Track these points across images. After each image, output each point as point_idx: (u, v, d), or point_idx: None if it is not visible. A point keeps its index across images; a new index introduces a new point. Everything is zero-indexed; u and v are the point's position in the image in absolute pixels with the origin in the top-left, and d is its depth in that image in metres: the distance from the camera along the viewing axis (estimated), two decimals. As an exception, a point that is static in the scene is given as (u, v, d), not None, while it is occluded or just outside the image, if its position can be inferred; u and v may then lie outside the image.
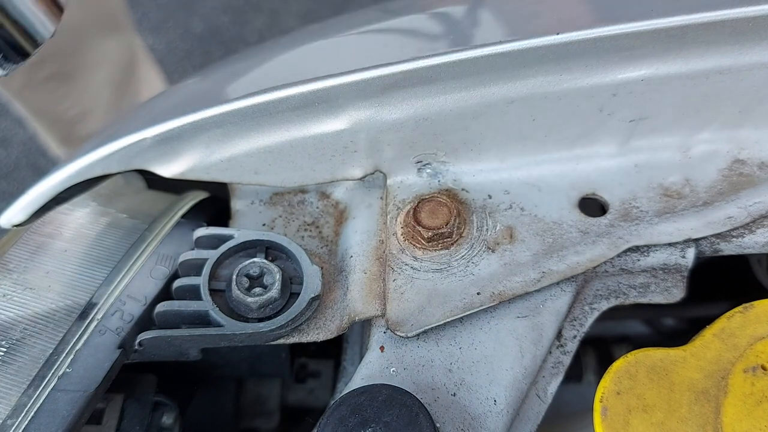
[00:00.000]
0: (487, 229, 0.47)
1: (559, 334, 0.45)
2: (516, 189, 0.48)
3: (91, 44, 1.17)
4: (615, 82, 0.45)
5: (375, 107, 0.45)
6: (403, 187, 0.49)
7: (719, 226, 0.45)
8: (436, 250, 0.45)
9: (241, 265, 0.45)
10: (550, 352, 0.45)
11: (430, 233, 0.45)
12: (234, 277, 0.45)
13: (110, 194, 0.49)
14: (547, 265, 0.44)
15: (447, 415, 0.41)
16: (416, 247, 0.46)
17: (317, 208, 0.51)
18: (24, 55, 0.42)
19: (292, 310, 0.44)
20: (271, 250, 0.48)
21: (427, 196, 0.47)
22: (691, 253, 0.45)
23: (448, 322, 0.43)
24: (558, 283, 0.45)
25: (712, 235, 0.45)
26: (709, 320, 0.41)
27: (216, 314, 0.44)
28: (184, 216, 0.51)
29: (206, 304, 0.44)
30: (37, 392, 0.41)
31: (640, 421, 0.37)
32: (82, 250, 0.47)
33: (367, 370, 0.43)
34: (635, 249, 0.45)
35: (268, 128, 0.46)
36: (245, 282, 0.45)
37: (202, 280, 0.45)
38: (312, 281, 0.45)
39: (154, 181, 0.53)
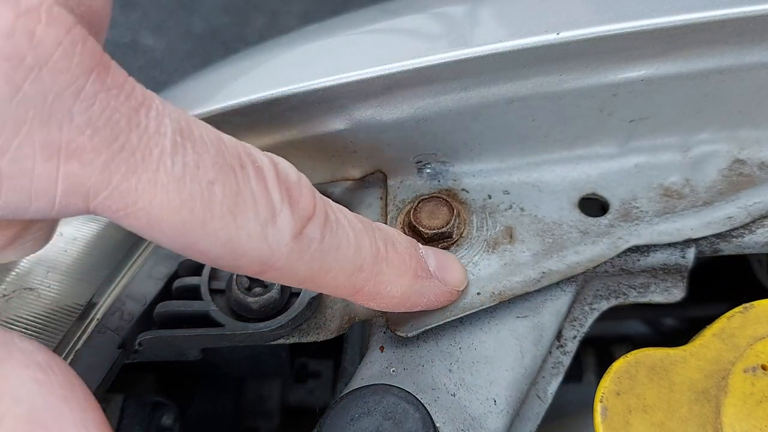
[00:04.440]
0: (487, 229, 0.47)
1: (559, 334, 0.46)
2: (516, 189, 0.48)
3: None
4: (615, 82, 0.44)
5: (375, 107, 0.45)
6: (403, 187, 0.49)
7: (719, 226, 0.45)
8: (436, 250, 0.45)
9: (241, 265, 0.45)
10: (550, 352, 0.45)
11: (430, 233, 0.45)
12: (234, 277, 0.45)
13: (110, 194, 0.49)
14: (547, 265, 0.44)
15: (447, 415, 0.41)
16: (416, 247, 0.46)
17: (317, 208, 0.51)
18: None
19: (292, 310, 0.44)
20: (271, 250, 0.48)
21: (427, 196, 0.47)
22: (691, 253, 0.45)
23: (448, 322, 0.43)
24: (558, 283, 0.45)
25: (712, 235, 0.45)
26: (709, 320, 0.41)
27: (216, 314, 0.44)
28: (184, 216, 0.51)
29: (206, 304, 0.44)
30: (37, 392, 0.41)
31: (640, 421, 0.37)
32: (82, 250, 0.47)
33: (367, 370, 0.43)
34: (635, 249, 0.45)
35: (268, 128, 0.46)
36: (245, 282, 0.45)
37: (202, 280, 0.45)
38: (312, 281, 0.45)
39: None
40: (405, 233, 0.46)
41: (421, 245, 0.40)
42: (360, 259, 0.35)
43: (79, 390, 0.27)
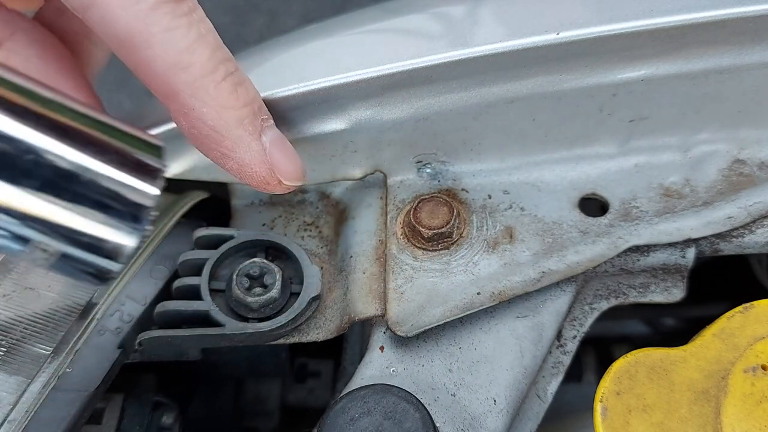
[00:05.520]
0: (487, 229, 0.47)
1: (559, 334, 0.46)
2: (516, 189, 0.48)
3: None
4: (615, 82, 0.45)
5: (375, 107, 0.45)
6: (403, 187, 0.49)
7: (719, 226, 0.45)
8: (436, 250, 0.45)
9: (241, 265, 0.45)
10: (550, 352, 0.45)
11: (430, 233, 0.45)
12: (234, 277, 0.45)
13: (110, 194, 0.49)
14: (547, 265, 0.44)
15: (447, 415, 0.41)
16: (416, 247, 0.46)
17: (317, 207, 0.51)
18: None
19: (292, 310, 0.44)
20: (271, 249, 0.48)
21: (427, 196, 0.47)
22: (691, 253, 0.45)
23: (448, 322, 0.43)
24: (558, 283, 0.45)
25: (712, 235, 0.45)
26: (709, 320, 0.41)
27: (216, 314, 0.44)
28: (184, 216, 0.51)
29: (206, 304, 0.44)
30: (37, 392, 0.41)
31: (640, 421, 0.37)
32: (82, 250, 0.47)
33: (367, 370, 0.43)
34: (635, 249, 0.45)
35: (268, 128, 0.46)
36: (245, 282, 0.45)
37: (202, 280, 0.45)
38: (312, 281, 0.45)
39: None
40: (405, 233, 0.46)
41: (271, 119, 0.38)
42: (188, 60, 0.33)
43: (69, 60, 0.36)
